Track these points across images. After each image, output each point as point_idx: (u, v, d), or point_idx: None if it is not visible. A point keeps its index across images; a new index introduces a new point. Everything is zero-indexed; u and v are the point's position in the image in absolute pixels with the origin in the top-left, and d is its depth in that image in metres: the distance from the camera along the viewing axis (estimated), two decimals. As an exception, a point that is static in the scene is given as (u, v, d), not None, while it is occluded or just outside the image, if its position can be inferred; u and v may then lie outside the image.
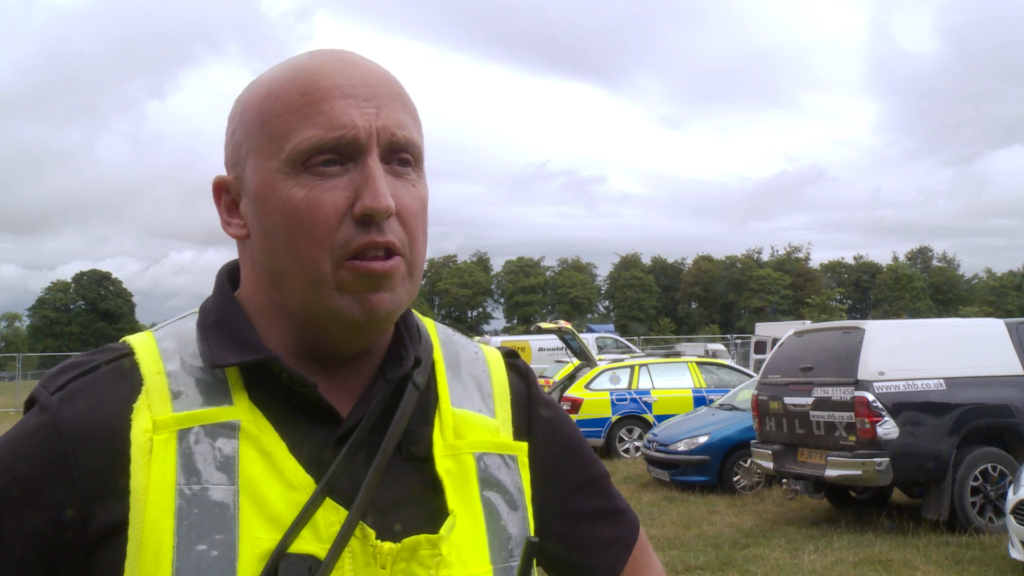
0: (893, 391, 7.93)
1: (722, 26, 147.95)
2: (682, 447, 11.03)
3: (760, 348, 25.83)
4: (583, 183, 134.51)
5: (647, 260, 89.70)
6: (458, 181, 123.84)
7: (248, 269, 0.92)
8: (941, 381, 8.08)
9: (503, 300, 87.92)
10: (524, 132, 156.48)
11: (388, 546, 0.82)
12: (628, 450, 13.96)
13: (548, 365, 20.51)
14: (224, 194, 0.92)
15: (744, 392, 11.81)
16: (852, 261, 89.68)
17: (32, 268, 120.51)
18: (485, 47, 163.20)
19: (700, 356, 20.48)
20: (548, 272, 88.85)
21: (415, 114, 0.90)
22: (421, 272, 0.90)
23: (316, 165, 0.84)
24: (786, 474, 9.06)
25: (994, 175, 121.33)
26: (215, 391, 0.85)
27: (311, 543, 0.80)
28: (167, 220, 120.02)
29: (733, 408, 11.70)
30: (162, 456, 0.80)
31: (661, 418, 13.36)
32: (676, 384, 14.42)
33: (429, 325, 1.01)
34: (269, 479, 0.82)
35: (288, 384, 0.86)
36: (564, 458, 1.02)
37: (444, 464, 0.89)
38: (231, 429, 0.83)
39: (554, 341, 22.32)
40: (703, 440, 10.96)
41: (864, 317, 56.94)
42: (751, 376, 13.82)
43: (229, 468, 0.81)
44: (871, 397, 7.87)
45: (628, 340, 32.77)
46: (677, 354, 21.28)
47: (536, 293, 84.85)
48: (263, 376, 0.86)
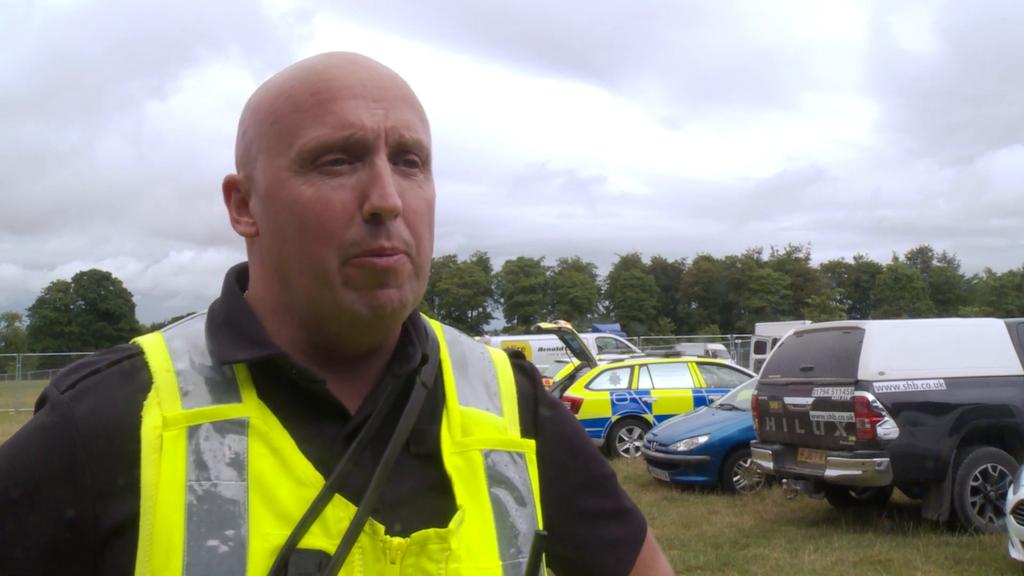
0: (893, 391, 7.94)
1: (722, 26, 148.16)
2: (682, 447, 11.03)
3: (760, 348, 25.83)
4: (583, 183, 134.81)
5: (647, 260, 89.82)
6: (458, 181, 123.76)
7: (257, 267, 0.93)
8: (941, 381, 8.08)
9: (503, 300, 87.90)
10: (524, 132, 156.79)
11: (397, 541, 0.83)
12: (628, 450, 13.96)
13: (548, 365, 20.48)
14: (234, 192, 0.93)
15: (744, 392, 11.81)
16: (852, 261, 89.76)
17: (32, 268, 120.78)
18: (485, 47, 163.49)
19: (700, 356, 20.48)
20: (548, 272, 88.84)
21: (423, 116, 0.91)
22: (427, 273, 0.91)
23: (324, 164, 0.85)
24: (786, 474, 9.07)
25: (994, 175, 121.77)
26: (224, 389, 0.86)
27: (321, 539, 0.81)
28: (167, 220, 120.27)
29: (733, 408, 11.70)
30: (172, 452, 0.81)
31: (661, 418, 13.36)
32: (676, 384, 14.42)
33: (436, 327, 1.02)
34: (278, 475, 0.82)
35: (297, 381, 0.86)
36: (571, 457, 1.02)
37: (452, 461, 0.90)
38: (240, 426, 0.83)
39: (554, 341, 22.31)
40: (703, 440, 10.96)
41: (864, 317, 56.90)
42: (751, 376, 13.82)
43: (239, 464, 0.82)
44: (871, 397, 7.87)
45: (628, 340, 32.74)
46: (677, 354, 21.27)
47: (536, 293, 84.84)
48: (272, 374, 0.87)
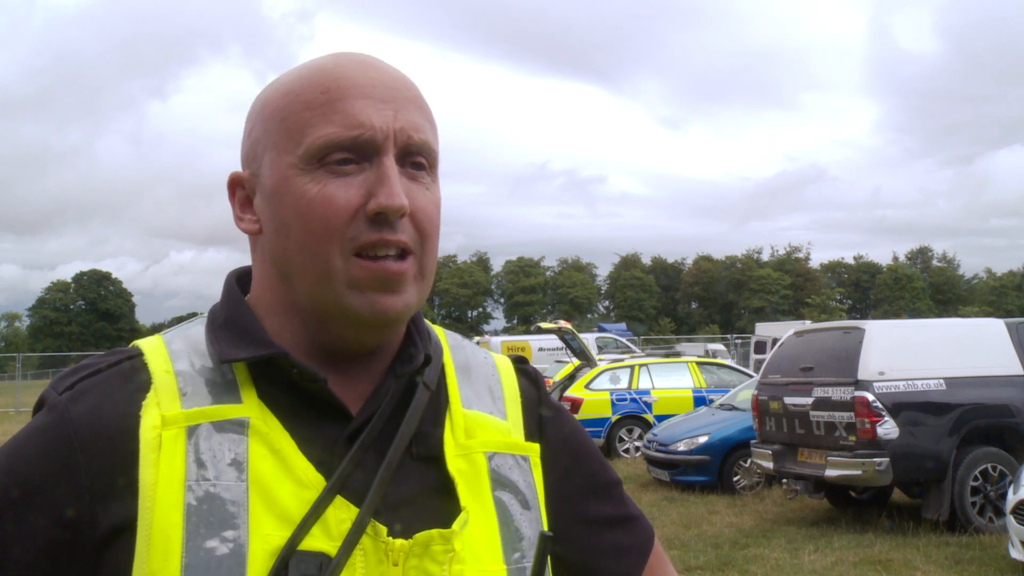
0: (893, 391, 7.93)
1: (722, 26, 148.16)
2: (682, 447, 11.03)
3: (760, 348, 25.84)
4: (583, 183, 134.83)
5: (647, 260, 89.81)
6: (458, 181, 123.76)
7: (259, 266, 0.93)
8: (941, 381, 8.08)
9: (503, 300, 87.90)
10: (524, 132, 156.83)
11: (400, 543, 0.82)
12: (628, 450, 13.97)
13: (548, 365, 20.48)
14: (239, 190, 0.93)
15: (744, 392, 11.81)
16: (852, 261, 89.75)
17: (32, 268, 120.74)
18: (485, 47, 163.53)
19: (700, 356, 20.49)
20: (548, 272, 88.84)
21: (432, 119, 0.91)
22: (432, 274, 0.91)
23: (332, 163, 0.84)
24: (786, 474, 9.07)
25: (994, 175, 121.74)
26: (224, 389, 0.85)
27: (322, 540, 0.80)
28: (167, 220, 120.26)
29: (733, 408, 11.70)
30: (171, 452, 0.80)
31: (661, 418, 13.36)
32: (676, 384, 14.42)
33: (439, 331, 1.01)
34: (279, 476, 0.82)
35: (298, 381, 0.86)
36: (576, 463, 1.01)
37: (455, 464, 0.89)
38: (240, 426, 0.83)
39: (554, 341, 22.30)
40: (703, 440, 10.96)
41: (864, 317, 56.90)
42: (751, 376, 13.82)
43: (238, 465, 0.81)
44: (871, 397, 7.87)
45: (629, 340, 32.72)
46: (677, 354, 21.29)
47: (536, 293, 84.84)
48: (272, 374, 0.86)
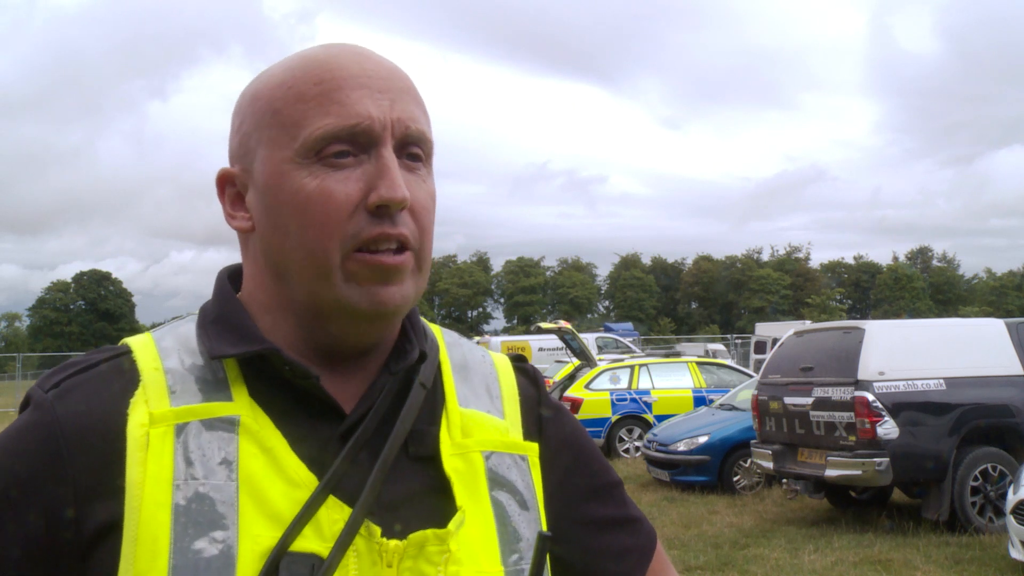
0: (893, 391, 7.93)
1: (722, 26, 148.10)
2: (682, 447, 11.03)
3: (760, 348, 25.85)
4: (583, 183, 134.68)
5: (647, 260, 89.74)
6: (458, 181, 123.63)
7: (251, 263, 0.91)
8: (941, 381, 8.08)
9: (503, 300, 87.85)
10: (524, 132, 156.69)
11: (394, 543, 0.80)
12: (628, 450, 13.97)
13: (548, 365, 20.49)
14: (229, 187, 0.90)
15: (744, 392, 11.80)
16: (852, 261, 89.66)
17: (32, 268, 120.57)
18: (486, 47, 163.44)
19: (700, 356, 20.50)
20: (548, 272, 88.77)
21: (426, 110, 0.89)
22: (428, 268, 0.89)
23: (329, 156, 0.82)
24: (786, 474, 9.06)
25: (994, 175, 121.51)
26: (214, 386, 0.83)
27: (314, 541, 0.78)
28: (168, 220, 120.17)
29: (733, 408, 11.69)
30: (159, 451, 0.79)
31: (661, 418, 13.36)
32: (676, 384, 14.42)
33: (435, 329, 1.00)
34: (270, 476, 0.80)
35: (290, 378, 0.84)
36: (576, 463, 0.99)
37: (452, 463, 0.87)
38: (230, 424, 0.81)
39: (554, 341, 22.31)
40: (703, 440, 10.96)
41: (864, 317, 56.88)
42: (751, 376, 13.82)
43: (228, 464, 0.79)
44: (871, 397, 7.87)
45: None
46: (677, 354, 21.32)
47: (536, 293, 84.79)
48: (264, 371, 0.85)
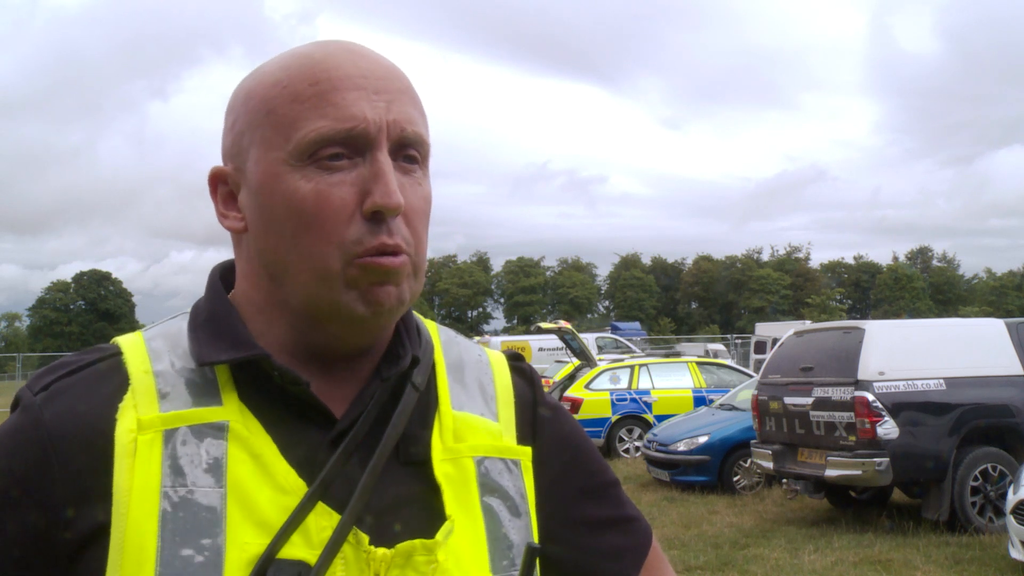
0: (893, 391, 7.93)
1: (722, 26, 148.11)
2: (682, 447, 11.03)
3: (760, 348, 25.84)
4: (583, 183, 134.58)
5: (647, 260, 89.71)
6: (458, 181, 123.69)
7: (244, 264, 0.89)
8: (941, 381, 8.08)
9: (503, 300, 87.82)
10: (524, 132, 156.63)
11: (382, 552, 0.80)
12: (628, 450, 13.96)
13: (548, 365, 20.50)
14: (221, 185, 0.89)
15: (744, 392, 11.80)
16: (852, 261, 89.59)
17: (32, 268, 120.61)
18: (486, 48, 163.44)
19: (700, 356, 20.51)
20: (548, 272, 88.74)
21: (423, 111, 0.88)
22: (424, 271, 0.88)
23: (323, 158, 0.81)
24: (786, 474, 9.06)
25: (994, 175, 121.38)
26: (204, 391, 0.82)
27: (302, 548, 0.77)
28: (168, 220, 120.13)
29: (733, 408, 11.69)
30: (147, 457, 0.78)
31: (661, 418, 13.35)
32: (676, 384, 14.42)
33: (431, 327, 0.98)
34: (259, 482, 0.79)
35: (280, 383, 0.83)
36: (572, 464, 0.98)
37: (442, 468, 0.86)
38: (219, 430, 0.80)
39: (554, 341, 22.31)
40: (703, 440, 10.95)
41: (864, 317, 56.90)
42: (751, 376, 13.81)
43: (216, 470, 0.79)
44: (871, 397, 7.87)
45: (628, 340, 32.71)
46: (677, 354, 21.33)
47: (536, 293, 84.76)
48: (254, 375, 0.83)
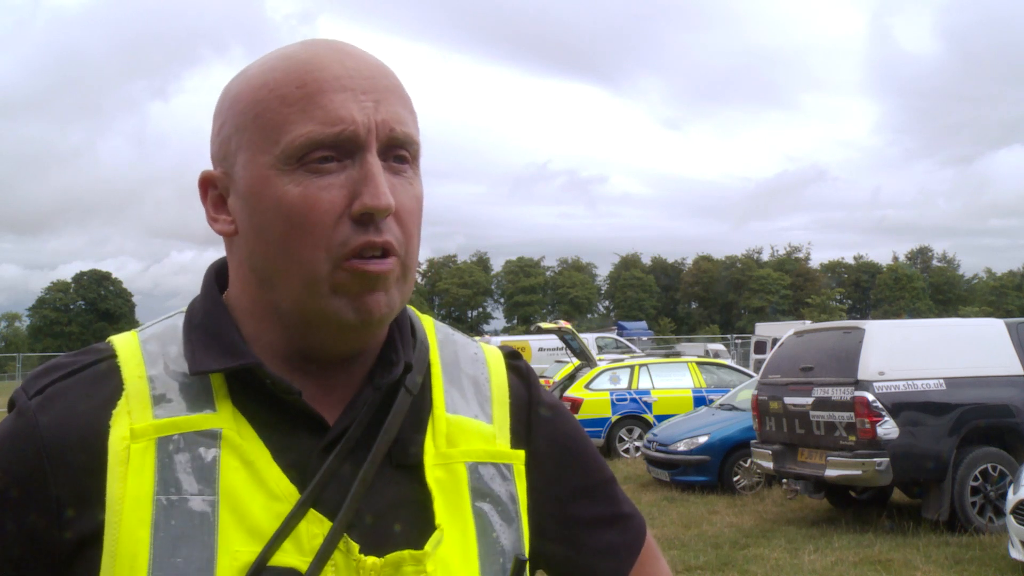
0: (893, 391, 7.93)
1: (723, 26, 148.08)
2: (682, 447, 11.02)
3: (760, 348, 25.84)
4: (584, 183, 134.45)
5: (647, 260, 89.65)
6: (458, 181, 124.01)
7: (236, 267, 0.89)
8: (941, 381, 8.07)
9: (503, 300, 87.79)
10: (525, 132, 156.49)
11: (372, 561, 0.80)
12: (628, 450, 13.96)
13: (548, 365, 20.50)
14: (211, 189, 0.88)
15: (744, 392, 11.80)
16: (852, 261, 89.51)
17: (32, 268, 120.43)
18: (486, 48, 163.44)
19: (700, 356, 20.51)
20: (548, 272, 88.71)
21: (412, 108, 0.87)
22: (415, 273, 0.87)
23: (312, 162, 0.80)
24: (786, 474, 9.06)
25: (994, 175, 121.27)
26: (198, 397, 0.82)
27: (293, 556, 0.77)
28: (168, 220, 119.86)
29: (733, 408, 11.69)
30: (139, 465, 0.78)
31: (661, 418, 13.35)
32: (676, 384, 14.41)
33: (428, 324, 0.97)
34: (251, 489, 0.79)
35: (272, 391, 0.83)
36: (566, 462, 0.98)
37: (434, 474, 0.86)
38: (212, 437, 0.80)
39: (554, 341, 22.31)
40: (703, 440, 10.95)
41: (864, 317, 56.93)
42: (751, 376, 13.81)
43: (209, 478, 0.78)
44: (871, 397, 7.87)
45: (628, 340, 32.73)
46: (677, 354, 21.34)
47: (536, 293, 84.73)
48: (248, 381, 0.83)
